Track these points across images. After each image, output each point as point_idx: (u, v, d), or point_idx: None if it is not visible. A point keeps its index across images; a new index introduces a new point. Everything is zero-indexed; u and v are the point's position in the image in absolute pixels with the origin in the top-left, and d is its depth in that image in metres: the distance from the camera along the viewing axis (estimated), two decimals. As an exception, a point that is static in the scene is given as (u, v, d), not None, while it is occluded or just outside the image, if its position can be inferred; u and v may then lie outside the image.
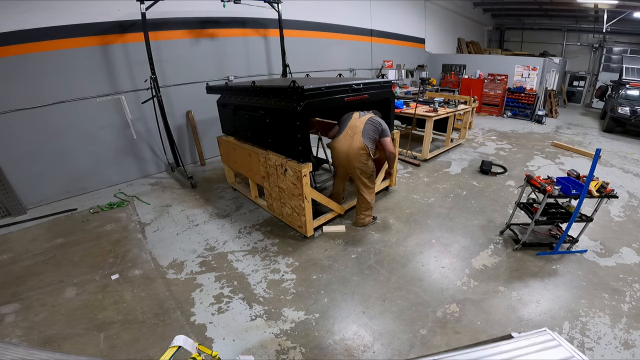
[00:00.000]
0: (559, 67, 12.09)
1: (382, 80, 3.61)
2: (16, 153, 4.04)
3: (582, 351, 2.00)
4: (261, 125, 3.38)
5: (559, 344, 0.97)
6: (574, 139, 7.60)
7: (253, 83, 3.40)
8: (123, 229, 3.69)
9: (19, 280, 2.84)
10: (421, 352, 2.13)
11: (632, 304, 2.49)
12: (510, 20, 14.82)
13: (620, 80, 9.58)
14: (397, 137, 4.07)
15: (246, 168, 3.96)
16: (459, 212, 3.95)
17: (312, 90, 2.82)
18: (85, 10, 4.19)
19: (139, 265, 3.06)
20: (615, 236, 3.43)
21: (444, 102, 6.44)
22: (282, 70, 6.22)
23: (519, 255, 3.10)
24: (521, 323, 2.33)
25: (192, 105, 5.60)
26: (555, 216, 3.09)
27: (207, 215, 3.99)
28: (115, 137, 4.89)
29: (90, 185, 4.77)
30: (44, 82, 4.07)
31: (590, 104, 13.40)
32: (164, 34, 4.99)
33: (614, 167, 5.58)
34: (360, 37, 8.55)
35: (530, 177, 3.09)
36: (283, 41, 6.03)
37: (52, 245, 3.39)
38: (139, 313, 2.46)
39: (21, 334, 2.28)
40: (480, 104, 10.37)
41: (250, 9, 5.47)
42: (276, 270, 2.95)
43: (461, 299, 2.57)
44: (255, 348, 2.17)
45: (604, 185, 2.94)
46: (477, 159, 5.78)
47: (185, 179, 4.97)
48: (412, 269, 2.95)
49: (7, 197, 3.93)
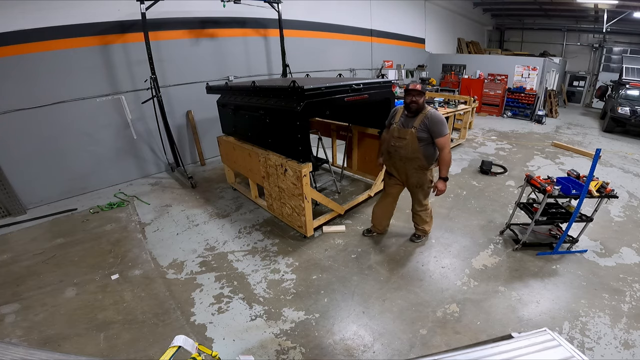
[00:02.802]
0: (559, 67, 12.09)
1: (382, 80, 3.61)
2: (16, 153, 4.04)
3: (582, 351, 2.00)
4: (261, 125, 3.38)
5: (559, 344, 0.97)
6: (574, 139, 7.60)
7: (253, 83, 3.40)
8: (123, 229, 3.69)
9: (19, 280, 2.84)
10: (421, 352, 2.13)
11: (632, 304, 2.49)
12: (510, 20, 14.81)
13: (620, 80, 9.57)
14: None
15: (246, 168, 3.96)
16: (459, 212, 3.95)
17: (312, 90, 2.82)
18: (85, 11, 4.19)
19: (139, 265, 3.06)
20: (615, 236, 3.43)
21: (444, 102, 6.44)
22: (282, 70, 6.22)
23: (519, 255, 3.10)
24: (521, 323, 2.33)
25: (192, 105, 5.60)
26: (555, 216, 3.09)
27: (207, 215, 3.99)
28: (115, 137, 4.89)
29: (90, 185, 4.77)
30: (44, 82, 4.07)
31: (590, 104, 13.40)
32: (164, 34, 4.99)
33: (614, 167, 5.58)
34: (360, 37, 8.55)
35: (530, 177, 3.09)
36: (283, 41, 6.03)
37: (52, 245, 3.39)
38: (139, 313, 2.46)
39: (21, 334, 2.28)
40: (480, 104, 10.36)
41: (250, 9, 5.47)
42: (276, 270, 2.95)
43: (461, 299, 2.57)
44: (255, 348, 2.17)
45: (604, 185, 2.94)
46: (477, 159, 5.78)
47: (185, 179, 4.97)
48: (412, 269, 2.95)
49: (7, 197, 3.93)
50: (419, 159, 2.76)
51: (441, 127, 2.63)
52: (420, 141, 2.69)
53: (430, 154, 2.77)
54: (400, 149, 2.77)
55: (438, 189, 2.81)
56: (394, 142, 2.80)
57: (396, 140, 2.78)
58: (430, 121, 2.63)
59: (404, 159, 2.81)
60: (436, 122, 2.63)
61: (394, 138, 2.80)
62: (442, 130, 2.63)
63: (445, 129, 2.64)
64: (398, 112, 2.86)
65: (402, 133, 2.74)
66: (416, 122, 2.67)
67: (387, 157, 3.00)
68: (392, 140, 2.82)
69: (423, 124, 2.65)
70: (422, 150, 2.71)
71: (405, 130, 2.72)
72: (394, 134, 2.80)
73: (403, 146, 2.75)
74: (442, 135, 2.63)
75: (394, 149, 2.82)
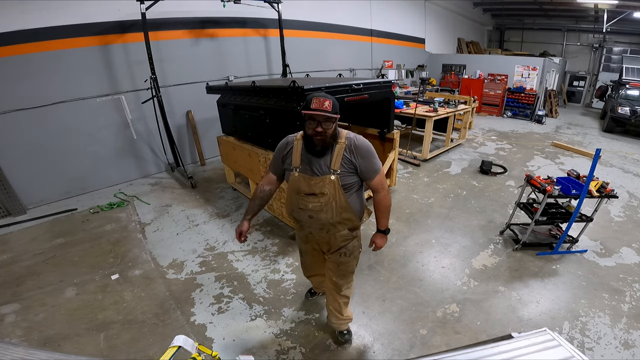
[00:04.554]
0: (559, 67, 12.09)
1: (382, 80, 3.61)
2: (16, 153, 4.04)
3: (582, 351, 2.00)
4: (261, 125, 3.38)
5: (559, 344, 0.97)
6: (574, 139, 7.60)
7: (253, 83, 3.40)
8: (123, 229, 3.69)
9: (19, 280, 2.84)
10: (421, 352, 2.13)
11: (632, 304, 2.49)
12: (510, 20, 14.81)
13: (620, 80, 9.57)
14: (397, 137, 4.07)
15: (246, 168, 3.96)
16: (459, 212, 3.95)
17: (312, 91, 2.81)
18: (85, 11, 4.19)
19: (139, 265, 3.06)
20: (615, 236, 3.43)
21: (444, 102, 6.44)
22: (282, 70, 6.22)
23: (519, 255, 3.10)
24: (521, 323, 2.33)
25: (192, 105, 5.60)
26: (555, 216, 3.09)
27: (207, 215, 3.99)
28: (115, 137, 4.89)
29: (90, 185, 4.77)
30: (44, 82, 4.07)
31: (590, 104, 13.39)
32: (164, 34, 4.99)
33: (614, 167, 5.58)
34: (360, 37, 8.55)
35: (530, 177, 3.09)
36: (283, 41, 6.03)
37: (52, 245, 3.39)
38: (139, 313, 2.46)
39: (21, 334, 2.28)
40: (480, 104, 10.36)
41: (250, 9, 5.47)
42: (276, 270, 2.95)
43: (461, 299, 2.57)
44: (255, 348, 2.17)
45: (604, 185, 2.94)
46: (477, 159, 5.78)
47: (185, 179, 4.97)
48: (412, 269, 2.94)
49: (7, 197, 3.93)
50: (349, 220, 1.74)
51: (374, 160, 1.67)
52: (348, 190, 1.66)
53: (361, 204, 1.81)
54: (319, 212, 1.67)
55: (376, 245, 1.89)
56: (303, 204, 1.68)
57: (307, 200, 1.66)
58: (358, 154, 1.62)
59: (326, 226, 1.74)
60: (366, 154, 1.64)
61: (302, 196, 1.67)
62: (376, 163, 1.67)
63: (378, 160, 1.69)
64: (295, 148, 1.68)
65: (316, 185, 1.62)
66: (334, 160, 1.60)
67: (296, 227, 1.96)
68: (300, 201, 1.69)
69: (347, 161, 1.62)
70: (352, 204, 1.70)
71: (320, 179, 1.61)
72: (300, 189, 1.66)
73: (322, 207, 1.66)
74: (377, 172, 1.67)
75: (306, 214, 1.71)
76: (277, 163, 1.79)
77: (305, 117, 1.57)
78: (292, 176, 1.69)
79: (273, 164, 1.82)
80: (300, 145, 1.67)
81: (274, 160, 1.81)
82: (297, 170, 1.67)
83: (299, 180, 1.66)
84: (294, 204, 1.74)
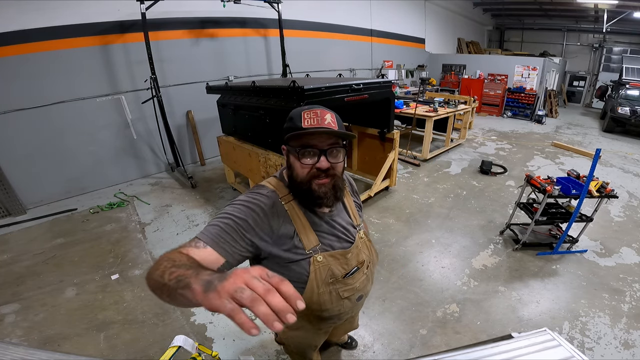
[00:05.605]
0: (559, 67, 12.09)
1: (382, 80, 3.61)
2: (16, 153, 4.04)
3: (582, 351, 2.00)
4: (261, 125, 3.38)
5: (559, 344, 0.97)
6: (574, 139, 7.59)
7: (253, 83, 3.40)
8: (123, 229, 3.69)
9: (19, 280, 2.84)
10: (421, 352, 2.13)
11: (632, 304, 2.49)
12: (510, 20, 14.81)
13: (620, 80, 9.57)
14: (397, 137, 4.07)
15: (246, 168, 3.96)
16: (459, 212, 3.95)
17: (312, 90, 2.82)
18: (85, 11, 4.18)
19: (139, 265, 3.05)
20: (615, 236, 3.43)
21: (444, 102, 6.44)
22: (282, 70, 6.22)
23: (519, 255, 3.10)
24: (521, 323, 2.33)
25: (192, 105, 5.60)
26: (555, 216, 3.09)
27: (207, 215, 3.99)
28: (115, 137, 4.89)
29: (90, 185, 4.76)
30: (43, 82, 4.07)
31: (590, 104, 13.39)
32: (164, 34, 4.98)
33: (614, 167, 5.58)
34: (360, 37, 8.55)
35: (530, 177, 3.09)
36: (283, 41, 6.02)
37: (52, 245, 3.39)
38: (139, 313, 2.46)
39: (21, 334, 2.28)
40: (480, 104, 10.36)
41: (250, 9, 5.47)
42: (276, 270, 2.94)
43: (461, 299, 2.57)
44: (255, 348, 2.17)
45: (604, 185, 2.94)
46: (477, 159, 5.78)
47: (185, 179, 4.97)
48: (412, 269, 2.94)
49: (7, 197, 3.93)
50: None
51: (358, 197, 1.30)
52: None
53: None
54: (367, 285, 1.20)
55: None
56: (347, 290, 1.10)
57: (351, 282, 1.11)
58: (356, 193, 1.28)
59: (367, 294, 1.24)
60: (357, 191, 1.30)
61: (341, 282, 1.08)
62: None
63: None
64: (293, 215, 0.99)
65: (354, 258, 1.11)
66: (352, 212, 1.17)
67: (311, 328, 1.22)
68: (340, 291, 1.08)
69: (358, 207, 1.24)
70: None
71: (355, 247, 1.11)
72: (335, 274, 1.05)
73: (369, 276, 1.21)
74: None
75: (355, 297, 1.15)
76: (238, 237, 0.90)
77: (292, 149, 0.95)
78: (315, 264, 1.01)
79: (222, 237, 0.89)
80: (296, 207, 1.01)
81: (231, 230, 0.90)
82: (319, 250, 1.02)
83: (328, 264, 1.03)
84: (326, 300, 1.06)
